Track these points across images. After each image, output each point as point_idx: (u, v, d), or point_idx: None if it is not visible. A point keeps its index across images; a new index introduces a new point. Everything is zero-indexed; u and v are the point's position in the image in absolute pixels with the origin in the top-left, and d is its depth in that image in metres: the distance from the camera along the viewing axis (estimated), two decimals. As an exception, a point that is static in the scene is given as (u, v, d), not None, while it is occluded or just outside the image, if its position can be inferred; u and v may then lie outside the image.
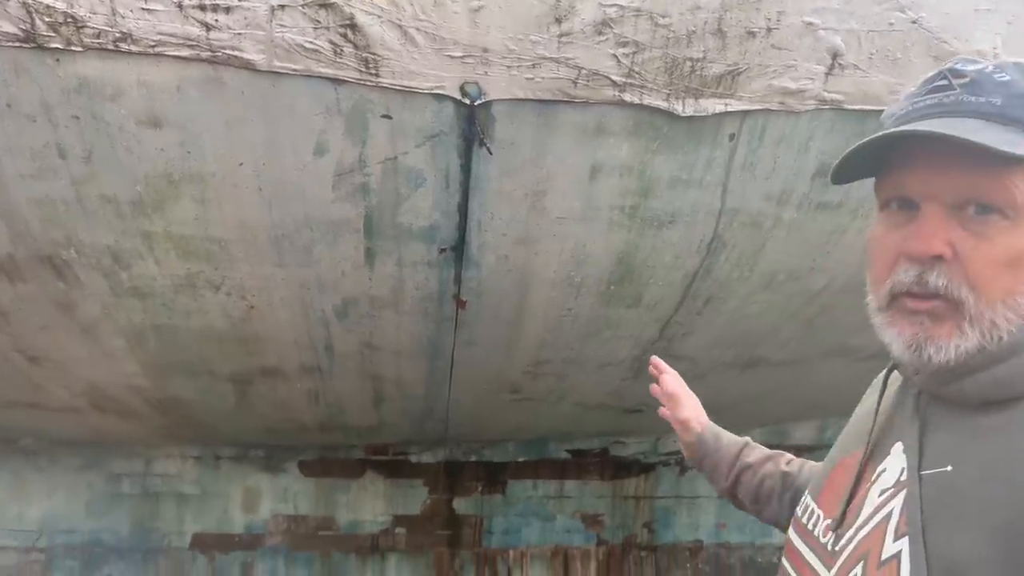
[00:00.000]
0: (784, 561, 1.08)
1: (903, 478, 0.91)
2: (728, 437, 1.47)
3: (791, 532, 1.09)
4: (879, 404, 1.03)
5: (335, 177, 1.97)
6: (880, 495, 0.94)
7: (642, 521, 4.29)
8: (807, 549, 1.04)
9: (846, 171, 0.95)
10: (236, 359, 2.56)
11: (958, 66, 0.91)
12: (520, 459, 4.21)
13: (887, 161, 0.92)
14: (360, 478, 4.10)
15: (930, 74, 0.94)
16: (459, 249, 2.16)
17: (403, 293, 2.29)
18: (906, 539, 0.85)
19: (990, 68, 0.89)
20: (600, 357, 2.71)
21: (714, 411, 3.42)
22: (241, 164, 1.93)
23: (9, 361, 2.53)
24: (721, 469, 1.43)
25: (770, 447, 1.45)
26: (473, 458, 4.19)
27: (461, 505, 4.20)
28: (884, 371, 1.05)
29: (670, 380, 1.54)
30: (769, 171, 2.04)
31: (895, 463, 0.95)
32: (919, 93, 0.93)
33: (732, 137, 1.98)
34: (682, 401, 1.51)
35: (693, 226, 2.15)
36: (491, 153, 1.93)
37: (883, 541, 0.89)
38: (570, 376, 2.84)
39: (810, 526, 1.05)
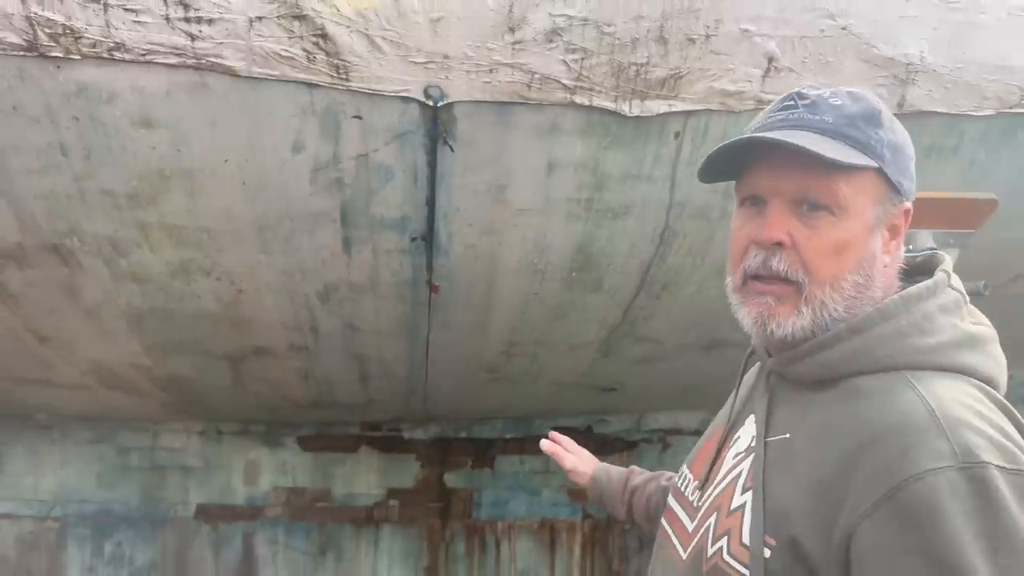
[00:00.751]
0: (662, 520, 1.26)
1: (752, 444, 1.08)
2: (616, 471, 1.61)
3: (670, 497, 1.27)
4: (739, 385, 1.21)
5: (312, 172, 2.15)
6: (734, 458, 1.12)
7: (625, 495, 4.48)
8: (679, 507, 1.22)
9: (711, 172, 1.12)
10: (229, 339, 2.76)
11: (804, 91, 1.07)
12: (508, 436, 4.40)
13: (745, 165, 1.08)
14: (355, 453, 4.32)
15: (783, 96, 1.11)
16: (429, 238, 2.34)
17: (379, 279, 2.48)
18: (750, 492, 1.03)
19: (827, 94, 1.06)
20: (569, 339, 2.89)
21: (689, 390, 3.60)
22: (226, 161, 2.11)
23: (21, 341, 2.74)
24: (616, 499, 1.57)
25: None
26: (463, 434, 4.40)
27: (452, 479, 4.41)
28: (744, 358, 1.23)
29: (547, 444, 1.68)
30: (714, 166, 2.20)
31: (747, 432, 1.12)
32: (773, 110, 1.09)
33: (677, 135, 2.14)
34: (563, 455, 1.65)
35: (645, 217, 2.31)
36: (453, 150, 2.10)
37: (733, 495, 1.07)
38: (542, 356, 3.02)
39: (683, 489, 1.23)
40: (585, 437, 4.45)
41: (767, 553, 0.96)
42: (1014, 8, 2.05)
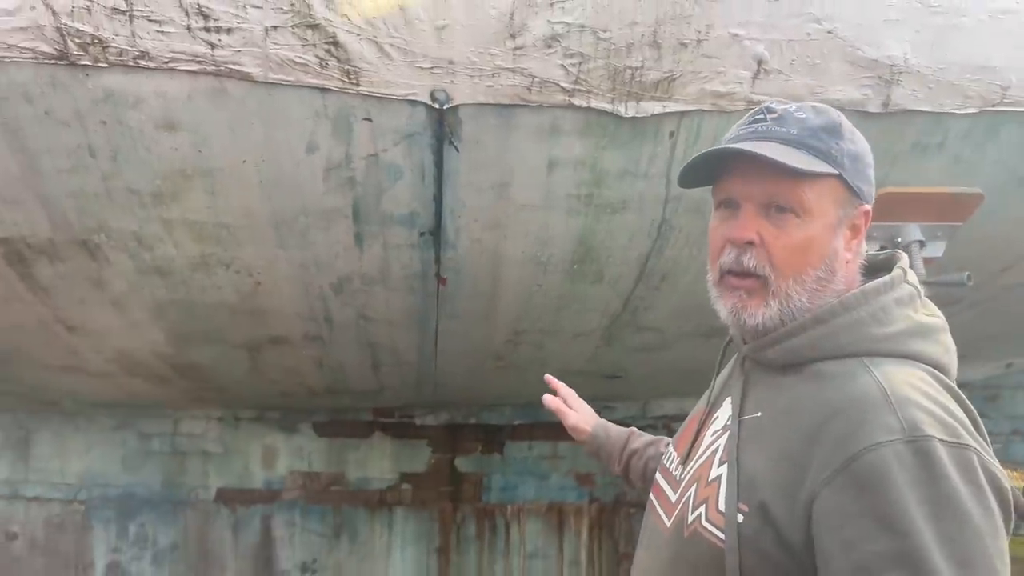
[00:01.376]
0: (650, 494, 1.38)
1: (728, 423, 1.20)
2: (616, 429, 1.71)
3: (657, 473, 1.39)
4: (717, 371, 1.33)
5: (325, 171, 2.26)
6: (712, 435, 1.23)
7: (631, 480, 4.60)
8: (664, 482, 1.33)
9: (691, 179, 1.23)
10: (247, 329, 2.89)
11: (772, 105, 1.19)
12: (516, 422, 4.53)
13: (720, 173, 1.19)
14: (369, 438, 4.46)
15: (754, 110, 1.22)
16: (437, 233, 2.45)
17: (390, 271, 2.60)
18: (726, 465, 1.15)
19: (793, 108, 1.17)
20: (573, 328, 3.00)
21: (688, 376, 3.71)
22: (244, 161, 2.23)
23: (51, 330, 2.88)
24: (613, 457, 1.67)
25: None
26: (473, 421, 4.53)
27: (462, 464, 4.54)
28: (722, 346, 1.35)
29: (550, 398, 1.73)
30: (707, 163, 2.30)
31: (724, 412, 1.24)
32: (744, 123, 1.20)
33: (672, 135, 2.24)
34: (566, 411, 1.71)
35: (642, 212, 2.42)
36: (457, 150, 2.21)
37: (711, 468, 1.19)
38: (547, 345, 3.14)
39: (668, 465, 1.35)
40: (592, 423, 4.57)
41: (740, 518, 1.07)
42: (994, 11, 2.13)
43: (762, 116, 1.17)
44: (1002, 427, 5.11)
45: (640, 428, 1.73)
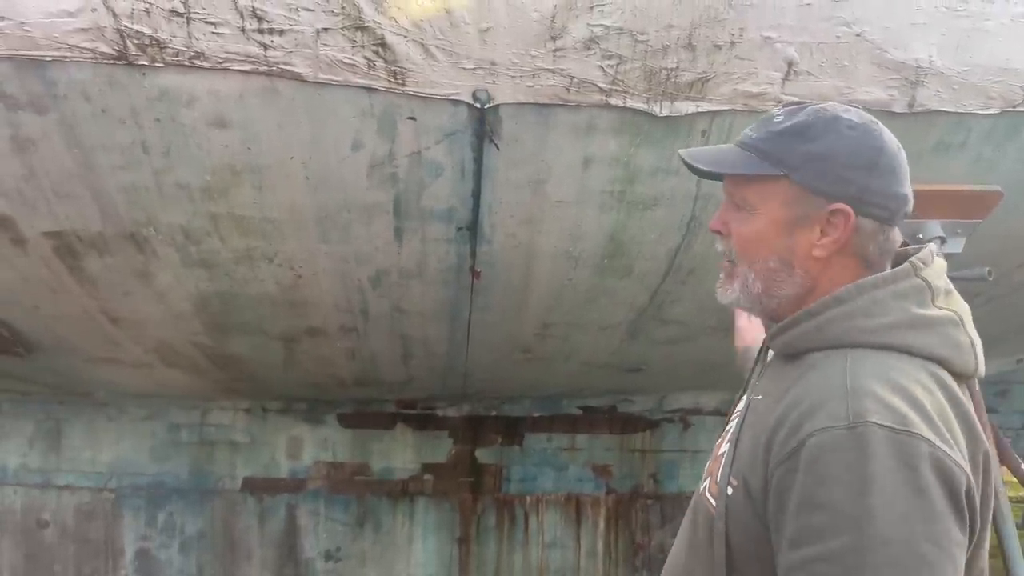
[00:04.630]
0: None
1: (743, 407, 1.30)
2: None
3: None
4: (757, 362, 1.41)
5: (369, 168, 2.35)
6: (733, 418, 1.34)
7: (648, 472, 4.69)
8: (711, 460, 1.43)
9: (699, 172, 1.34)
10: (285, 320, 2.98)
11: (773, 109, 1.28)
12: (536, 414, 4.61)
13: None
14: (392, 429, 4.55)
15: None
16: (473, 228, 2.54)
17: (427, 265, 2.69)
18: (729, 443, 1.24)
19: (778, 111, 1.23)
20: (599, 321, 3.09)
21: (707, 371, 3.78)
22: (292, 158, 2.31)
23: (95, 321, 2.97)
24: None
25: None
26: (493, 413, 4.61)
27: (483, 455, 4.62)
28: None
29: None
30: (737, 161, 2.38)
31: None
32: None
33: (704, 133, 2.32)
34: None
35: (673, 208, 2.51)
36: (498, 148, 2.30)
37: (723, 445, 1.29)
38: (574, 337, 3.23)
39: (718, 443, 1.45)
40: (609, 416, 4.66)
41: (729, 491, 1.16)
42: (1016, 15, 2.21)
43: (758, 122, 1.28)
44: (1012, 421, 5.19)
45: (656, 421, 1.81)
